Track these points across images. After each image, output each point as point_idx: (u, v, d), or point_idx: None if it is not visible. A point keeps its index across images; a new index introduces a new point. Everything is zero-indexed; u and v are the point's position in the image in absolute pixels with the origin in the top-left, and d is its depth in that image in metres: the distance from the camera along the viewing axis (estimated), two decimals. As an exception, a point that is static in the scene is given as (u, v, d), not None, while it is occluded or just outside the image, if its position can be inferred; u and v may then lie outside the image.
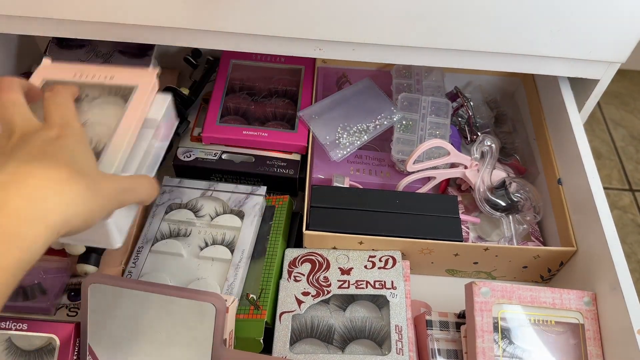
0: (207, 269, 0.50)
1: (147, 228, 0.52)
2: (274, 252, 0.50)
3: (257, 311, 0.46)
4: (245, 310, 0.46)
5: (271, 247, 0.51)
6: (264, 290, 0.47)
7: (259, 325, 0.45)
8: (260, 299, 0.47)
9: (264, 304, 0.46)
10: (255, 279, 0.49)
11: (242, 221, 0.52)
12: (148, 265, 0.50)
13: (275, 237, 0.51)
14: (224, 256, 0.50)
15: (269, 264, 0.49)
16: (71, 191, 0.30)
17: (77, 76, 0.43)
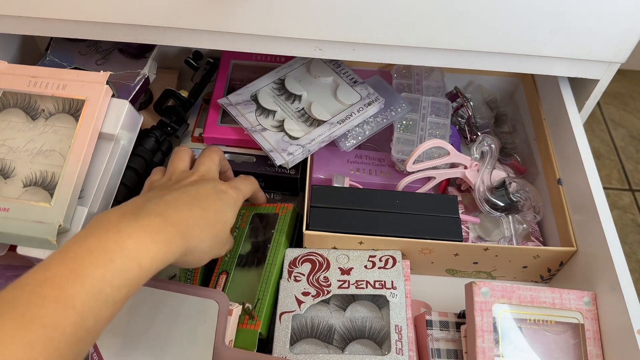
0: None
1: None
2: (274, 260, 0.50)
3: (252, 321, 0.45)
4: (240, 320, 0.45)
5: (271, 255, 0.50)
6: (261, 300, 0.46)
7: (253, 336, 0.44)
8: (256, 308, 0.46)
9: (260, 314, 0.45)
10: (251, 287, 0.48)
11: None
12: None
13: (276, 246, 0.51)
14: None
15: (267, 272, 0.49)
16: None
17: (31, 85, 0.44)
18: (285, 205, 0.53)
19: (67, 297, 0.27)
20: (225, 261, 0.50)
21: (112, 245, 0.31)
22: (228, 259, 0.50)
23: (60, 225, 0.41)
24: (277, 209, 0.53)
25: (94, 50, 0.58)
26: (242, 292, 0.48)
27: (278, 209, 0.53)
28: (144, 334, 0.42)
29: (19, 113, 0.46)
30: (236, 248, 0.51)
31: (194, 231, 0.37)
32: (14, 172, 0.44)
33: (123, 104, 0.46)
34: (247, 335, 0.44)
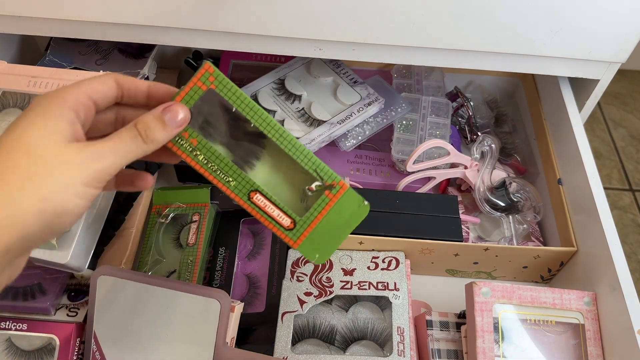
0: None
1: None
2: (273, 128, 0.34)
3: (334, 189, 0.35)
4: (324, 201, 0.35)
5: (268, 128, 0.34)
6: (318, 167, 0.35)
7: (351, 196, 0.35)
8: (324, 177, 0.35)
9: (330, 178, 0.35)
10: (287, 170, 0.36)
11: None
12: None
13: (258, 119, 0.34)
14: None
15: (288, 142, 0.34)
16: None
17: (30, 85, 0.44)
18: (205, 70, 0.33)
19: None
20: (233, 184, 0.34)
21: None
22: (229, 177, 0.34)
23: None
24: (199, 84, 0.33)
25: (93, 50, 0.58)
26: (288, 185, 0.37)
27: (198, 82, 0.33)
28: (145, 333, 0.42)
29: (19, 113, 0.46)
30: (221, 163, 0.34)
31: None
32: (13, 172, 0.44)
33: None
34: (346, 200, 0.35)
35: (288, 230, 0.35)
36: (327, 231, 0.35)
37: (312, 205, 0.35)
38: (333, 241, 0.35)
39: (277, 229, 0.35)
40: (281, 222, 0.35)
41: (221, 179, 0.34)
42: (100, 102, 0.31)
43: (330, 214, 0.35)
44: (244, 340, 0.48)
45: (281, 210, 0.34)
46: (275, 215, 0.34)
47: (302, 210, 0.35)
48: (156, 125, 0.30)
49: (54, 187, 0.26)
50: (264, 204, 0.34)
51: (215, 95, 0.33)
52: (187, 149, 0.33)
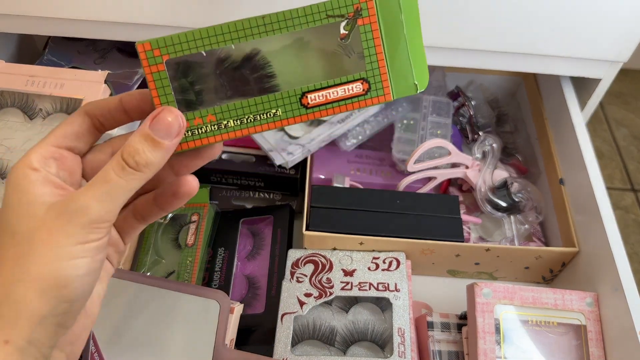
0: None
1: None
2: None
3: (363, 11, 0.27)
4: (366, 30, 0.28)
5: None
6: (326, 11, 0.27)
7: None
8: (341, 10, 0.27)
9: (348, 7, 0.27)
10: (317, 41, 0.29)
11: None
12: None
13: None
14: None
15: (276, 26, 0.28)
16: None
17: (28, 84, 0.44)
18: (143, 52, 0.27)
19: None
20: (279, 112, 0.28)
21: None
22: (270, 111, 0.28)
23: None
24: (153, 68, 0.28)
25: (92, 49, 0.58)
26: (324, 58, 0.29)
27: (152, 67, 0.28)
28: (144, 334, 0.41)
29: (17, 112, 0.45)
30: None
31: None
32: (11, 172, 0.44)
33: None
34: (387, 5, 0.27)
35: (369, 92, 0.28)
36: (399, 52, 0.28)
37: (362, 48, 0.28)
38: (415, 55, 0.28)
39: (358, 102, 0.28)
40: (355, 94, 0.28)
41: (266, 119, 0.28)
42: (76, 144, 0.28)
43: (384, 35, 0.27)
44: (244, 342, 0.48)
45: (342, 84, 0.28)
46: (342, 94, 0.28)
47: (359, 61, 0.28)
48: (144, 145, 0.26)
49: (43, 262, 0.24)
50: (323, 97, 0.28)
51: (178, 62, 0.28)
52: (214, 129, 0.28)
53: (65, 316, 0.25)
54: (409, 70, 0.28)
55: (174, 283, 0.42)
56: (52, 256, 0.24)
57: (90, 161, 0.29)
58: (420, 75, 0.28)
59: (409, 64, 0.28)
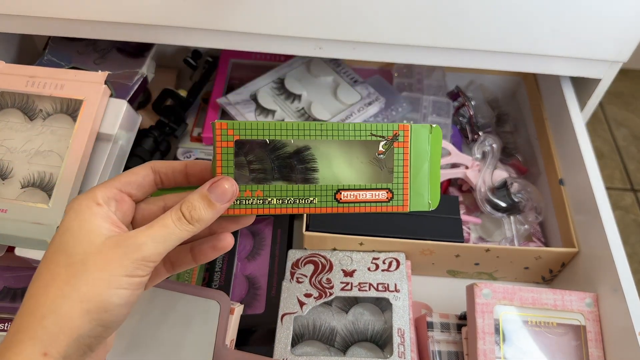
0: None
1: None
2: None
3: (400, 136, 0.33)
4: (399, 153, 0.33)
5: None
6: (372, 131, 0.33)
7: (418, 131, 0.34)
8: (383, 134, 0.33)
9: (389, 131, 0.33)
10: (358, 152, 0.35)
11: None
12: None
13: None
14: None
15: (332, 133, 0.33)
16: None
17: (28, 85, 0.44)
18: (219, 129, 0.32)
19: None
20: (316, 200, 0.33)
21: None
22: (308, 198, 0.33)
23: (58, 226, 0.41)
24: (224, 144, 0.32)
25: (92, 49, 0.58)
26: (360, 166, 0.35)
27: (223, 142, 0.32)
28: (144, 334, 0.41)
29: (17, 113, 0.45)
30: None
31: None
32: (11, 172, 0.44)
33: (121, 103, 0.45)
34: (417, 138, 0.34)
35: (390, 201, 0.34)
36: (421, 175, 0.34)
37: (393, 165, 0.34)
38: (433, 180, 0.34)
39: (381, 207, 0.34)
40: (380, 199, 0.34)
41: (304, 204, 0.33)
42: (135, 192, 0.32)
43: (412, 159, 0.34)
44: (244, 342, 0.48)
45: (371, 189, 0.34)
46: (370, 197, 0.34)
47: (388, 175, 0.34)
48: (201, 204, 0.30)
49: (93, 285, 0.27)
50: (353, 195, 0.33)
51: (244, 143, 0.33)
52: (259, 203, 0.33)
53: (96, 339, 0.28)
54: (425, 191, 0.34)
55: (174, 283, 0.42)
56: (103, 282, 0.27)
57: (142, 209, 0.33)
58: (434, 195, 0.35)
59: (426, 185, 0.34)
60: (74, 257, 0.27)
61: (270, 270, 0.51)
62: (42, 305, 0.26)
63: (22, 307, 0.27)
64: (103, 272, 0.27)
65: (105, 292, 0.27)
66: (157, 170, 0.33)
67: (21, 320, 0.27)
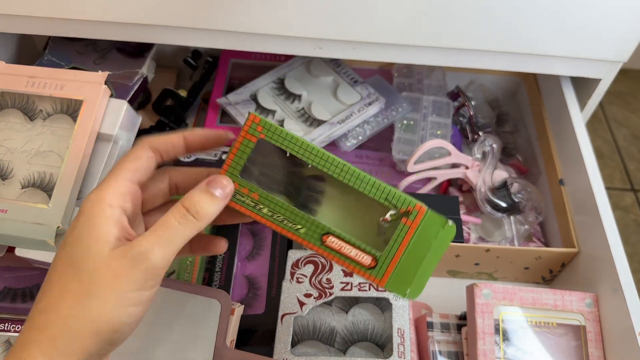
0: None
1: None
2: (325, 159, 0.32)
3: (412, 215, 0.32)
4: (403, 230, 0.32)
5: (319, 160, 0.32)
6: (387, 196, 0.32)
7: (431, 218, 0.32)
8: (397, 204, 0.32)
9: (404, 204, 0.32)
10: (365, 208, 0.34)
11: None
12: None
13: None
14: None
15: (350, 178, 0.32)
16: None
17: (28, 85, 0.44)
18: (251, 121, 0.32)
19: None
20: (302, 230, 0.32)
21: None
22: (297, 225, 0.32)
23: (58, 227, 0.41)
24: (247, 136, 0.32)
25: (92, 49, 0.58)
26: (360, 222, 0.34)
27: (247, 135, 0.32)
28: (145, 333, 0.41)
29: (17, 114, 0.45)
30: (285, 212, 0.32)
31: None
32: (12, 173, 0.44)
33: (121, 104, 0.45)
34: (428, 225, 0.32)
35: (370, 269, 0.32)
36: (413, 261, 0.32)
37: (390, 237, 0.32)
38: (423, 271, 0.32)
39: (358, 270, 0.32)
40: (361, 262, 0.32)
41: (290, 228, 0.32)
42: (144, 178, 0.31)
43: (412, 242, 0.32)
44: (244, 342, 0.48)
45: (359, 248, 0.32)
46: (353, 255, 0.32)
47: (382, 244, 0.32)
48: (203, 198, 0.30)
49: (104, 306, 0.26)
50: (339, 245, 0.32)
51: (267, 144, 0.32)
52: (250, 205, 0.32)
53: (103, 355, 0.28)
54: (410, 278, 0.32)
55: (175, 282, 0.42)
56: (113, 301, 0.27)
57: (148, 189, 0.32)
58: (417, 288, 0.32)
59: (414, 275, 0.32)
60: (83, 272, 0.27)
61: (270, 270, 0.51)
62: (53, 323, 0.26)
63: (33, 319, 0.27)
64: (113, 289, 0.27)
65: (116, 313, 0.27)
66: (156, 148, 0.31)
67: (31, 334, 0.26)
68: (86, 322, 0.26)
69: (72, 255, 0.27)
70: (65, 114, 0.45)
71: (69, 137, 0.44)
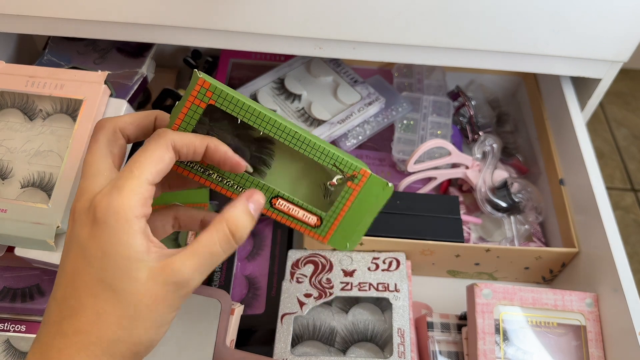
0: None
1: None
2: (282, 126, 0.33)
3: (357, 179, 0.34)
4: (348, 193, 0.34)
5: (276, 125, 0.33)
6: (335, 162, 0.33)
7: (374, 182, 0.34)
8: (344, 170, 0.34)
9: (350, 169, 0.34)
10: (312, 171, 0.35)
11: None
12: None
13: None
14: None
15: (299, 144, 0.33)
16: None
17: (28, 85, 0.44)
18: (200, 86, 0.31)
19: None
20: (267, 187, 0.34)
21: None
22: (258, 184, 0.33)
23: (58, 226, 0.41)
24: (196, 101, 0.31)
25: (91, 49, 0.58)
26: (307, 184, 0.36)
27: (195, 100, 0.31)
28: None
29: (17, 113, 0.45)
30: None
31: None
32: (11, 172, 0.44)
33: (121, 103, 0.45)
34: (370, 188, 0.34)
35: (316, 228, 0.34)
36: (354, 219, 0.35)
37: (335, 199, 0.34)
38: (361, 227, 0.35)
39: (305, 229, 0.34)
40: (307, 222, 0.34)
41: (239, 192, 0.33)
42: (161, 180, 0.29)
43: (355, 203, 0.34)
44: (244, 342, 0.48)
45: (305, 210, 0.34)
46: (301, 216, 0.34)
47: (327, 205, 0.35)
48: (247, 220, 0.29)
49: (146, 328, 0.27)
50: (287, 207, 0.34)
51: (215, 107, 0.31)
52: (199, 170, 0.32)
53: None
54: (350, 235, 0.35)
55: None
56: (153, 324, 0.27)
57: (153, 222, 0.33)
58: (355, 240, 0.36)
59: (354, 231, 0.35)
60: (122, 294, 0.26)
61: (270, 271, 0.51)
62: (94, 345, 0.26)
63: (67, 337, 0.26)
64: (154, 313, 0.27)
65: (154, 334, 0.27)
66: (178, 150, 0.30)
67: (71, 350, 0.26)
68: (129, 346, 0.27)
69: (104, 273, 0.27)
70: (65, 113, 0.45)
71: (68, 137, 0.44)
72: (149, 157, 0.28)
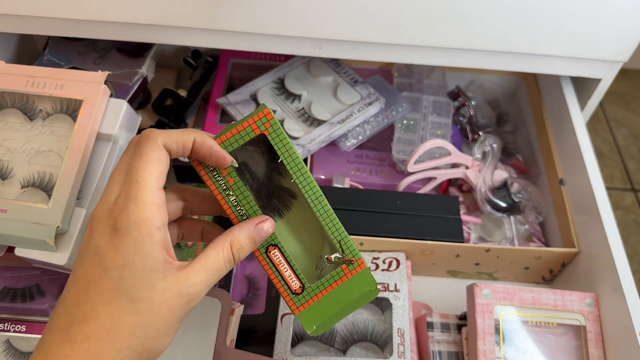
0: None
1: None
2: (309, 185, 0.34)
3: (352, 266, 0.34)
4: (338, 275, 0.34)
5: (301, 181, 0.34)
6: (342, 239, 0.34)
7: (365, 276, 0.35)
8: (345, 251, 0.34)
9: (351, 254, 0.34)
10: (311, 234, 0.36)
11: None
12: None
13: (294, 168, 0.33)
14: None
15: (318, 205, 0.34)
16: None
17: (28, 85, 0.44)
18: (263, 115, 0.32)
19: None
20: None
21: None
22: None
23: (58, 226, 0.41)
24: (253, 126, 0.32)
25: (91, 49, 0.58)
26: (305, 249, 0.36)
27: (253, 124, 0.32)
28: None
29: (17, 113, 0.45)
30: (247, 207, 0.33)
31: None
32: (11, 173, 0.44)
33: (121, 103, 0.45)
34: (360, 280, 0.35)
35: (294, 294, 0.34)
36: (331, 305, 0.34)
37: (325, 275, 0.34)
38: (334, 317, 0.35)
39: (284, 290, 0.34)
40: (290, 284, 0.34)
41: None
42: (164, 182, 0.30)
43: (340, 288, 0.34)
44: (244, 342, 0.48)
45: (294, 272, 0.34)
46: (287, 275, 0.34)
47: (314, 277, 0.35)
48: (248, 245, 0.31)
49: (158, 337, 0.28)
50: (279, 260, 0.34)
51: (265, 141, 0.32)
52: (222, 187, 0.32)
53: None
54: (321, 318, 0.35)
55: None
56: (163, 334, 0.28)
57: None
58: (323, 328, 0.35)
59: (327, 316, 0.35)
60: (138, 303, 0.27)
61: (270, 271, 0.51)
62: (106, 353, 0.26)
63: (77, 344, 0.26)
64: (167, 322, 0.28)
65: (163, 342, 0.28)
66: (169, 148, 0.30)
67: (79, 357, 0.26)
68: (140, 354, 0.27)
69: (122, 282, 0.27)
70: (65, 113, 0.45)
71: (68, 137, 0.44)
72: (148, 161, 0.28)
